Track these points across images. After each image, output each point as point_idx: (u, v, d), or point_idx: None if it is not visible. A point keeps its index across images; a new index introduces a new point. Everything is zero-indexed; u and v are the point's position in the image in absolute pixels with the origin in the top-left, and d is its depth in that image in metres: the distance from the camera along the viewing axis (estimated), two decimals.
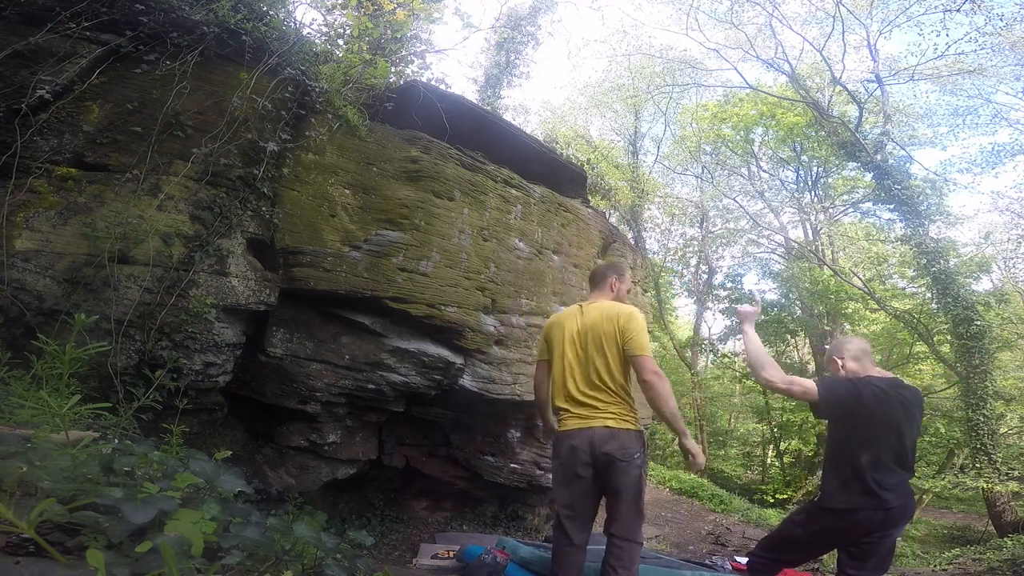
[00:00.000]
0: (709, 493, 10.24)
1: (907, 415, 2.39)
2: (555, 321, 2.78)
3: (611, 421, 2.44)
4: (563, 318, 2.74)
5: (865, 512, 2.29)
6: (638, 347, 2.50)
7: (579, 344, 2.59)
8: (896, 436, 2.35)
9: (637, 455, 2.43)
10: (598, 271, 2.93)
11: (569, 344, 2.61)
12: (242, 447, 4.22)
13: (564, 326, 2.68)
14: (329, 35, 5.39)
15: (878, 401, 2.38)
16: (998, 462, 8.25)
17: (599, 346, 2.54)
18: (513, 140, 5.46)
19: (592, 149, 14.51)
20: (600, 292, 2.81)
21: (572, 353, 2.59)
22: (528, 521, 6.15)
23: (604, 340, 2.53)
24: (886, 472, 2.31)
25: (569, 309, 2.80)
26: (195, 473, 1.43)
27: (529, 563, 3.51)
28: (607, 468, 2.40)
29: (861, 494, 2.30)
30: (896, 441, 2.35)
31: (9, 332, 2.86)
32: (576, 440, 2.45)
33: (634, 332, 2.52)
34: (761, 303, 2.47)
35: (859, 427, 2.36)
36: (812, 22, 13.66)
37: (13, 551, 1.09)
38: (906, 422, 2.38)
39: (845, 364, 2.58)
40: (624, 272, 2.91)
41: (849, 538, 2.37)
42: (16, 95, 3.13)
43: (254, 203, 3.70)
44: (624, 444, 2.41)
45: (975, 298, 9.81)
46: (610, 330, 2.54)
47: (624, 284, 2.84)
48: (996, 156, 13.03)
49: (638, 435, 2.49)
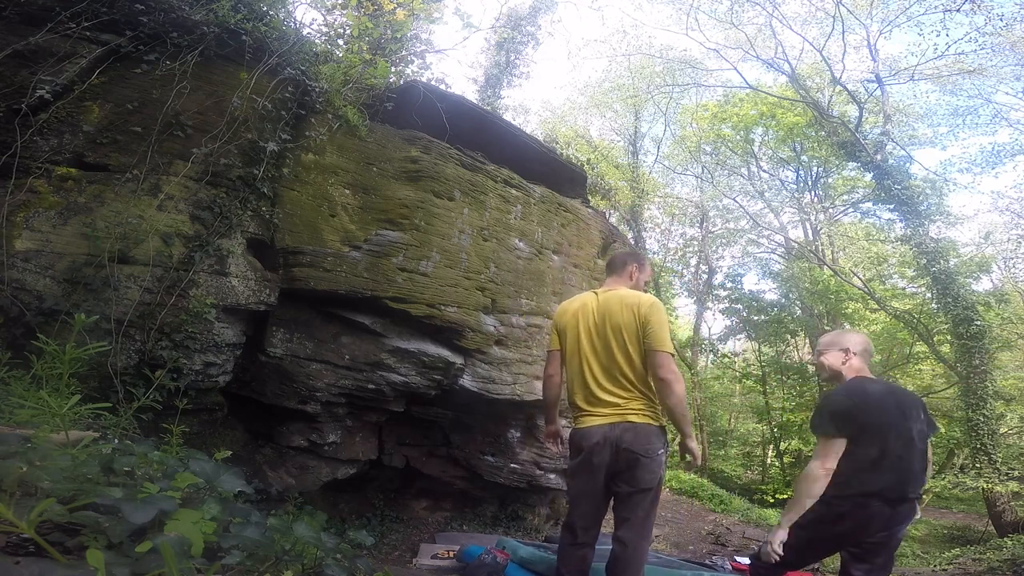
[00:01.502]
0: (709, 493, 10.22)
1: (904, 415, 2.37)
2: (567, 309, 2.61)
3: (634, 417, 2.33)
4: (576, 306, 2.57)
5: (874, 508, 2.26)
6: (659, 341, 2.34)
7: (596, 335, 2.45)
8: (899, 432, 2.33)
9: (661, 451, 2.34)
10: (618, 257, 2.77)
11: (585, 335, 2.47)
12: (242, 447, 4.22)
13: (578, 315, 2.53)
14: (329, 35, 5.39)
15: (881, 399, 2.38)
16: (998, 462, 8.25)
17: (619, 338, 2.39)
18: (513, 140, 5.46)
19: (592, 149, 14.52)
20: (618, 278, 2.65)
21: (589, 345, 2.45)
22: (528, 521, 6.15)
23: (624, 331, 2.39)
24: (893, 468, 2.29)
25: (582, 296, 2.64)
26: (195, 473, 1.43)
27: (529, 563, 3.52)
28: (630, 466, 2.29)
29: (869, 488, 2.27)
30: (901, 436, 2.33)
31: (9, 332, 2.86)
32: (597, 438, 2.33)
33: (657, 325, 2.36)
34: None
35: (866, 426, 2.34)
36: (812, 22, 13.69)
37: (13, 551, 1.09)
38: (904, 421, 2.36)
39: (850, 361, 2.52)
40: (644, 262, 2.75)
41: (855, 538, 2.33)
42: (16, 95, 3.13)
43: (254, 203, 3.70)
44: (648, 440, 2.31)
45: (975, 298, 9.81)
46: (630, 320, 2.39)
47: (644, 274, 2.69)
48: (996, 156, 13.07)
49: (661, 430, 2.38)
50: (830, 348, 2.61)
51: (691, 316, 19.30)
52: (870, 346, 2.61)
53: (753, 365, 17.07)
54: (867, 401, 2.37)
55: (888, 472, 2.28)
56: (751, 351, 17.97)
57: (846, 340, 2.60)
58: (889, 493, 2.27)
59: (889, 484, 2.27)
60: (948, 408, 11.76)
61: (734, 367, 17.88)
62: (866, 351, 2.57)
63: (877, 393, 2.40)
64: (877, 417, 2.34)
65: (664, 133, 18.44)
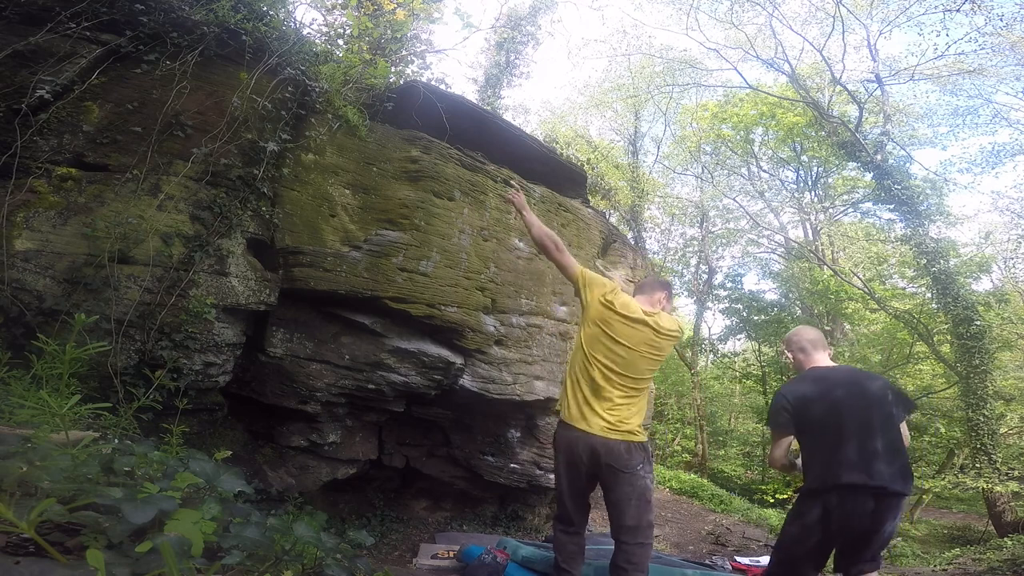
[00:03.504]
0: (709, 493, 10.22)
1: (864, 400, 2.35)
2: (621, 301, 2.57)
3: (621, 435, 2.45)
4: (630, 304, 2.58)
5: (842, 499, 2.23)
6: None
7: (626, 343, 2.51)
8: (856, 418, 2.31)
9: (640, 466, 2.47)
10: (650, 283, 2.93)
11: (623, 338, 2.51)
12: (242, 447, 4.22)
13: (626, 318, 2.53)
14: (329, 35, 5.40)
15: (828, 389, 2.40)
16: (998, 462, 8.25)
17: (648, 358, 2.56)
18: (513, 140, 5.46)
19: (592, 149, 14.49)
20: (648, 300, 2.71)
21: (611, 351, 2.50)
22: (528, 521, 6.15)
23: (654, 353, 2.58)
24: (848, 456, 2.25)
25: (635, 301, 2.66)
26: (195, 473, 1.43)
27: (529, 563, 3.51)
28: (614, 477, 2.44)
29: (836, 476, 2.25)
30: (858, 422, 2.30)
31: (9, 332, 2.86)
32: (584, 445, 2.46)
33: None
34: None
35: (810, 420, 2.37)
36: (812, 22, 13.70)
37: (13, 551, 1.09)
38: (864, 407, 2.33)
39: (794, 356, 2.63)
40: (671, 293, 2.85)
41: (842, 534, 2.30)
42: (16, 95, 3.13)
43: (254, 203, 3.70)
44: (631, 456, 2.45)
45: (975, 298, 9.81)
46: (663, 346, 2.61)
47: (669, 306, 2.80)
48: (996, 156, 13.06)
49: (642, 447, 2.53)
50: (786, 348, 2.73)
51: (691, 316, 19.27)
52: (810, 335, 2.65)
53: (753, 365, 17.07)
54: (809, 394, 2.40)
55: (846, 461, 2.24)
56: (751, 351, 17.95)
57: (788, 340, 2.71)
58: (856, 481, 2.22)
59: (852, 473, 2.22)
60: (948, 408, 11.75)
61: (734, 367, 17.87)
62: (804, 343, 2.61)
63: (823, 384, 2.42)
64: (824, 408, 2.35)
65: (664, 133, 18.44)
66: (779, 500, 12.84)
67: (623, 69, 16.60)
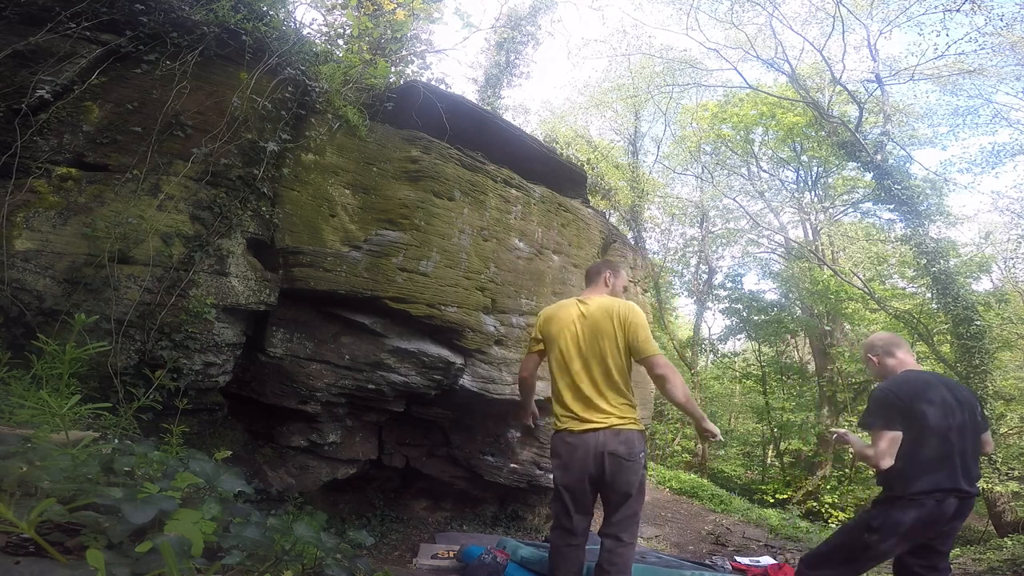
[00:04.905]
0: (709, 493, 10.22)
1: (956, 406, 2.38)
2: (552, 315, 2.71)
3: (620, 423, 2.44)
4: (560, 312, 2.68)
5: (947, 501, 2.27)
6: (645, 348, 2.49)
7: (583, 341, 2.55)
8: (950, 423, 2.34)
9: (641, 454, 2.46)
10: (592, 267, 2.93)
11: (572, 341, 2.57)
12: (242, 447, 4.22)
13: (563, 322, 2.63)
14: (329, 35, 5.40)
15: (928, 390, 2.40)
16: (998, 462, 8.25)
17: (603, 345, 2.51)
18: (513, 140, 5.45)
19: (592, 149, 14.50)
20: (595, 287, 2.79)
21: (576, 351, 2.55)
22: (528, 521, 6.15)
23: (606, 338, 2.51)
24: (952, 460, 2.30)
25: (565, 302, 2.76)
26: (195, 473, 1.43)
27: (529, 563, 3.52)
28: (614, 469, 2.40)
29: (938, 480, 2.29)
30: (955, 428, 2.34)
31: (9, 332, 2.86)
32: (581, 442, 2.44)
33: (636, 328, 2.51)
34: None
35: (918, 418, 2.35)
36: (812, 22, 13.70)
37: (13, 551, 1.09)
38: (965, 409, 2.38)
39: (881, 359, 2.61)
40: (619, 269, 2.89)
41: (926, 535, 2.33)
42: (16, 95, 3.13)
43: (254, 203, 3.70)
44: (631, 444, 2.42)
45: (975, 298, 9.82)
46: (610, 328, 2.52)
47: (619, 280, 2.82)
48: (996, 156, 13.06)
49: (641, 435, 2.50)
50: (870, 352, 2.70)
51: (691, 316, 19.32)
52: (895, 339, 2.66)
53: (753, 365, 17.08)
54: (918, 394, 2.39)
55: (960, 466, 2.30)
56: (751, 351, 17.96)
57: (872, 344, 2.69)
58: (963, 487, 2.29)
59: (961, 479, 2.29)
60: None
61: (734, 367, 17.89)
62: (898, 345, 2.62)
63: (930, 387, 2.42)
64: (936, 411, 2.35)
65: (664, 133, 18.44)
66: (779, 500, 12.84)
67: (623, 69, 16.61)
